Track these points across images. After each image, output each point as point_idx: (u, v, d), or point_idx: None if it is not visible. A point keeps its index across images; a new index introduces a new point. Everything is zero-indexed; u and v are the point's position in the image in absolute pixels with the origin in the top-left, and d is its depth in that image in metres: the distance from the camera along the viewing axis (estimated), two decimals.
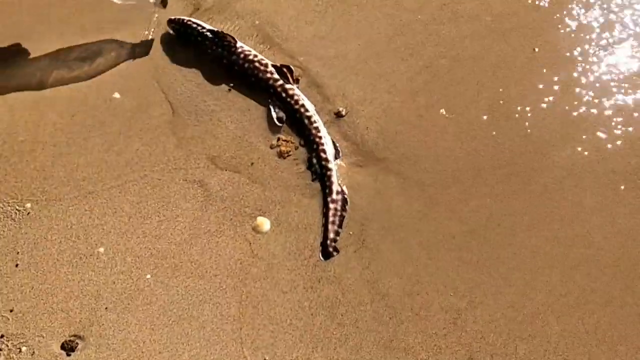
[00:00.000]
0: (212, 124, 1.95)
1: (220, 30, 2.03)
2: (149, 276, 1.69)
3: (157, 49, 2.11)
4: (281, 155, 1.89)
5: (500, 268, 1.68)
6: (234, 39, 2.01)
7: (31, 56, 2.09)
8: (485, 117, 1.92)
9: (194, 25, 2.04)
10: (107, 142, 1.92)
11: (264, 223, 1.77)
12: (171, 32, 2.12)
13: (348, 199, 1.80)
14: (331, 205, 1.78)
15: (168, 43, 2.12)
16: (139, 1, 2.08)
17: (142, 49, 2.09)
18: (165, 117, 1.97)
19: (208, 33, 2.03)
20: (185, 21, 2.07)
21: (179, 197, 1.83)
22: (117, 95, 2.02)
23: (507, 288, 1.66)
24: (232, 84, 2.00)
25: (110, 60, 2.07)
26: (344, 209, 1.79)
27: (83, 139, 1.93)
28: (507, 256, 1.70)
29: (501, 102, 1.94)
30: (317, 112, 1.94)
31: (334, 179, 1.82)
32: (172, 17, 2.09)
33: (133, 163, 1.88)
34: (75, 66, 2.06)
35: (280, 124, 1.93)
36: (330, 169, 1.84)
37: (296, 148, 1.91)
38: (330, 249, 1.72)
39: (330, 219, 1.76)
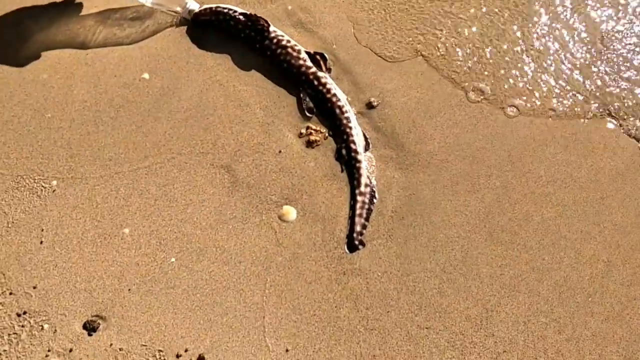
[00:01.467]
0: (240, 110, 1.91)
1: (253, 14, 1.97)
2: (173, 260, 1.66)
3: (188, 31, 2.06)
4: (310, 144, 1.85)
5: (537, 262, 1.63)
6: (267, 22, 1.96)
7: (82, 13, 2.07)
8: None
9: (225, 11, 1.98)
10: (135, 123, 1.88)
11: (290, 212, 1.73)
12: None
13: (376, 192, 1.76)
14: (359, 198, 1.74)
15: (200, 26, 2.06)
16: (168, 7, 2.02)
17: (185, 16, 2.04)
18: (194, 100, 1.92)
19: (240, 17, 1.98)
20: (214, 9, 2.01)
21: (205, 181, 1.79)
22: (146, 75, 1.98)
23: (541, 287, 1.61)
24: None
25: (157, 24, 2.03)
26: (371, 202, 1.74)
27: (111, 118, 1.89)
28: (544, 254, 1.65)
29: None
30: (348, 102, 1.89)
31: (363, 171, 1.78)
32: (198, 11, 2.01)
33: (161, 145, 1.85)
34: (126, 25, 2.02)
35: (310, 115, 1.89)
36: (359, 161, 1.79)
37: (325, 138, 1.86)
38: (357, 242, 1.68)
39: (358, 211, 1.72)
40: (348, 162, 1.80)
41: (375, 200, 1.75)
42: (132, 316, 1.59)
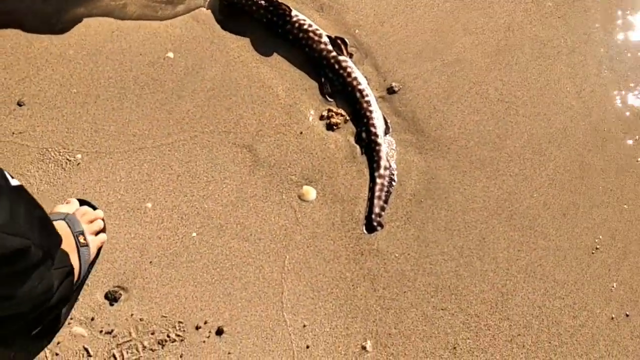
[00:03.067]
0: (263, 91, 1.90)
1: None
2: (194, 234, 1.66)
3: (213, 13, 2.06)
4: (330, 127, 1.84)
5: (554, 249, 1.62)
6: (288, 7, 1.95)
7: None
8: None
9: None
10: (159, 101, 1.88)
11: (310, 192, 1.73)
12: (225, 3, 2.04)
13: (396, 176, 1.75)
14: (378, 180, 1.73)
15: (223, 9, 2.05)
16: None
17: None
18: (218, 80, 1.92)
19: (262, 1, 1.96)
20: None
21: (227, 160, 1.79)
22: (171, 54, 1.97)
23: (557, 273, 1.60)
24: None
25: (190, 6, 2.04)
26: (390, 184, 1.73)
27: (136, 96, 1.89)
28: (562, 241, 1.64)
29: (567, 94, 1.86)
30: (369, 86, 1.88)
31: (383, 154, 1.77)
32: None
33: (184, 123, 1.85)
34: (159, 7, 2.02)
35: (331, 99, 1.88)
36: (379, 144, 1.78)
37: (346, 121, 1.85)
38: (375, 224, 1.68)
39: (377, 193, 1.71)
40: (368, 145, 1.79)
41: (394, 183, 1.74)
42: (153, 288, 1.60)
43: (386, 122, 1.83)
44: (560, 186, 1.73)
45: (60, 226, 1.44)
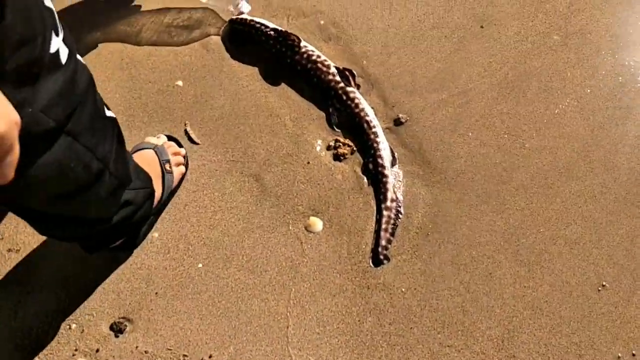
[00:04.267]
0: (271, 120, 1.89)
1: (284, 30, 1.96)
2: (200, 265, 1.64)
3: (223, 41, 2.05)
4: (338, 157, 1.82)
5: (561, 285, 1.59)
6: (298, 38, 1.94)
7: (142, 9, 2.11)
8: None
9: (258, 25, 1.97)
10: (168, 129, 1.87)
11: (317, 223, 1.71)
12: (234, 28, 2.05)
13: (402, 208, 1.73)
14: (385, 213, 1.71)
15: (232, 38, 2.05)
16: (220, 4, 2.03)
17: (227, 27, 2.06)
18: (226, 109, 1.91)
19: (272, 32, 1.96)
20: (248, 21, 2.00)
21: (234, 189, 1.77)
22: (180, 82, 1.96)
23: (563, 310, 1.57)
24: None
25: (204, 33, 2.05)
26: (397, 217, 1.71)
27: (144, 123, 1.88)
28: (569, 277, 1.61)
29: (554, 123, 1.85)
30: (377, 118, 1.86)
31: (390, 186, 1.75)
32: (234, 17, 2.01)
33: (192, 152, 1.83)
34: (175, 33, 2.02)
35: (338, 129, 1.86)
36: (386, 176, 1.76)
37: (352, 152, 1.84)
38: (382, 257, 1.65)
39: (383, 226, 1.69)
40: (374, 177, 1.77)
41: (401, 216, 1.72)
42: (158, 320, 1.57)
43: (393, 154, 1.82)
44: (567, 220, 1.71)
45: (149, 154, 1.64)
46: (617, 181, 1.77)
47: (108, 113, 1.22)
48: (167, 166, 1.66)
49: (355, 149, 1.84)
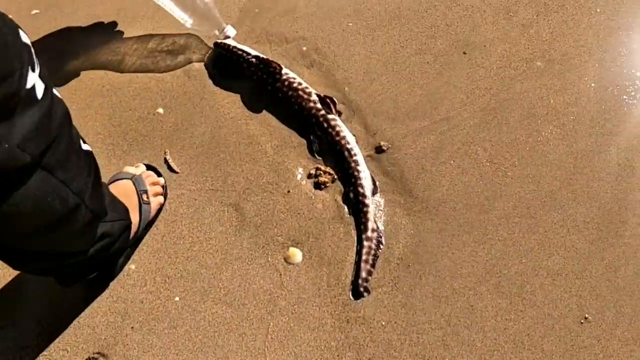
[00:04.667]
0: (252, 148, 1.86)
1: (265, 57, 1.94)
2: (177, 299, 1.61)
3: (205, 68, 2.04)
4: (318, 186, 1.80)
5: (543, 318, 1.56)
6: (279, 65, 1.93)
7: (124, 36, 2.11)
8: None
9: (240, 52, 1.95)
10: (147, 157, 1.84)
11: (296, 254, 1.68)
12: (217, 54, 2.03)
13: (383, 238, 1.70)
14: (365, 243, 1.68)
15: (215, 65, 2.03)
16: (206, 29, 2.01)
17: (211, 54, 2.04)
18: (207, 137, 1.89)
19: (253, 59, 1.94)
20: (231, 47, 1.98)
21: (213, 219, 1.74)
22: (161, 110, 1.94)
23: (545, 343, 1.54)
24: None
25: (187, 59, 2.03)
26: (378, 248, 1.68)
27: (123, 152, 1.86)
28: (551, 309, 1.58)
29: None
30: (358, 145, 1.84)
31: (370, 216, 1.72)
32: (219, 42, 2.00)
33: (171, 180, 1.81)
34: (159, 58, 2.01)
35: (318, 158, 1.84)
36: (367, 205, 1.73)
37: (333, 180, 1.81)
38: (362, 289, 1.62)
39: (364, 257, 1.66)
40: (355, 206, 1.75)
41: (382, 246, 1.69)
42: (133, 355, 1.54)
43: (374, 182, 1.79)
44: (549, 251, 1.68)
45: (126, 185, 1.61)
46: (600, 210, 1.74)
47: (84, 146, 1.21)
48: (144, 197, 1.64)
49: (336, 177, 1.82)
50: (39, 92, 0.97)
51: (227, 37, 2.02)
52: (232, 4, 2.18)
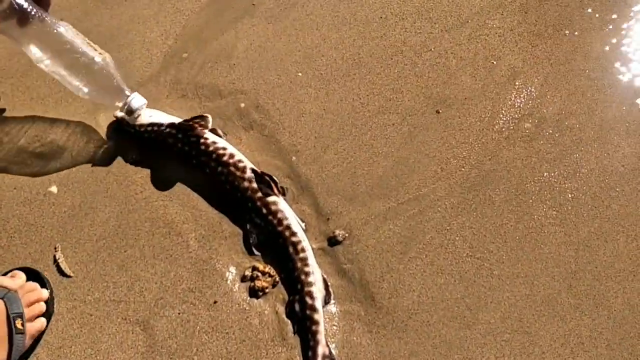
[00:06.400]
0: (169, 240, 1.43)
1: (184, 122, 1.50)
2: None
3: (112, 134, 1.59)
4: (255, 292, 1.37)
5: None
6: (201, 130, 1.48)
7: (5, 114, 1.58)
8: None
9: (149, 129, 1.50)
10: (32, 255, 1.39)
11: None
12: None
13: None
14: None
15: (123, 135, 1.57)
16: (105, 100, 1.51)
17: (104, 155, 1.55)
18: (111, 225, 1.44)
19: (169, 129, 1.49)
20: (137, 127, 1.51)
21: (113, 343, 1.30)
22: (54, 188, 1.49)
23: None
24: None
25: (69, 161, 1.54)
26: None
27: (1, 248, 1.40)
28: None
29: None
30: (307, 236, 1.42)
31: (321, 336, 1.30)
32: (118, 116, 1.54)
33: (60, 287, 1.36)
34: (29, 162, 1.53)
35: (256, 253, 1.42)
36: (316, 322, 1.31)
37: (274, 285, 1.39)
38: None
39: None
40: (302, 321, 1.33)
41: None
42: None
43: (327, 287, 1.37)
44: None
45: None
46: (610, 320, 1.36)
47: None
48: (18, 323, 1.21)
49: (277, 279, 1.39)
50: None
51: (132, 110, 1.49)
52: (154, 46, 1.74)
